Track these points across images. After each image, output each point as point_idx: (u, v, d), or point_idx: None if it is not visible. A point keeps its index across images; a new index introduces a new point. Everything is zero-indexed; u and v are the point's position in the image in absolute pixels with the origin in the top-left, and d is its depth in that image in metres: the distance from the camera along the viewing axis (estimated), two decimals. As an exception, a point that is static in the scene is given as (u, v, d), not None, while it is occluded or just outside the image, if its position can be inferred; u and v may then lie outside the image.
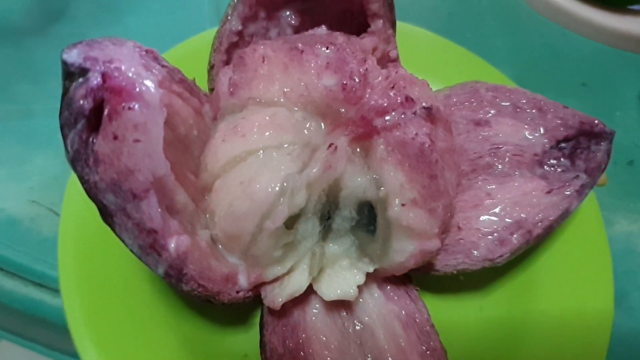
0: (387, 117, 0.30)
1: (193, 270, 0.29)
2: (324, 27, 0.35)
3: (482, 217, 0.35)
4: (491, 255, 0.34)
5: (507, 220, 0.35)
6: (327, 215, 0.33)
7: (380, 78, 0.32)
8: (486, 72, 0.46)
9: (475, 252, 0.34)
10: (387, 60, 0.37)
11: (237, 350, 0.36)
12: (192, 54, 0.41)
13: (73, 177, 0.38)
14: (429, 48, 0.47)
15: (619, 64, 0.58)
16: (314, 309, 0.35)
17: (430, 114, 0.31)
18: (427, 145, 0.30)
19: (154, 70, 0.29)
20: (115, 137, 0.26)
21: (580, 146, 0.36)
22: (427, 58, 0.47)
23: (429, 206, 0.31)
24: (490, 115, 0.38)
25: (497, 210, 0.35)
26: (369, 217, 0.33)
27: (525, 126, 0.37)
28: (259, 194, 0.29)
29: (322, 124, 0.32)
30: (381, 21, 0.36)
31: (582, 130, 0.36)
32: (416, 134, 0.30)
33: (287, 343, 0.33)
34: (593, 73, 0.57)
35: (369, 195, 0.32)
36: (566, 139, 0.36)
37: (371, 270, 0.34)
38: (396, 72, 0.32)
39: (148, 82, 0.27)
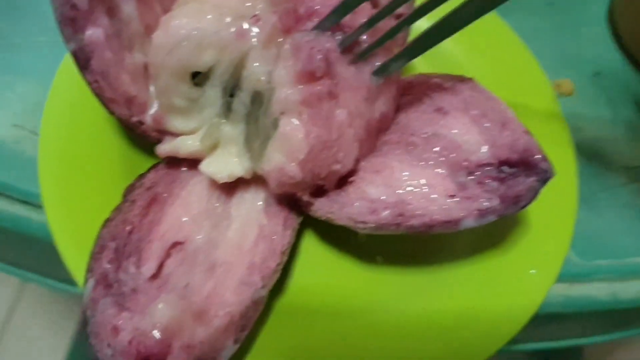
0: (309, 23, 0.32)
1: (97, 66, 0.33)
2: None
3: (375, 184, 0.35)
4: (356, 217, 0.33)
5: (391, 196, 0.34)
6: (230, 92, 0.34)
7: None
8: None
9: (346, 208, 0.34)
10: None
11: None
12: None
13: (50, 100, 0.41)
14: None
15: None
16: (200, 179, 0.37)
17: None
18: (315, 58, 0.31)
19: None
20: None
21: (515, 173, 0.33)
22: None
23: (307, 127, 0.32)
24: (454, 109, 0.36)
25: (390, 183, 0.34)
26: (258, 111, 0.34)
27: (478, 132, 0.35)
28: (171, 30, 0.32)
29: (270, 6, 0.33)
30: None
31: (523, 157, 0.33)
32: (310, 41, 0.31)
33: (157, 186, 0.36)
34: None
35: (262, 86, 0.33)
36: (508, 162, 0.33)
37: (247, 164, 0.35)
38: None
39: None
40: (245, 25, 0.32)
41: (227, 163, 0.35)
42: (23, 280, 0.97)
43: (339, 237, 0.39)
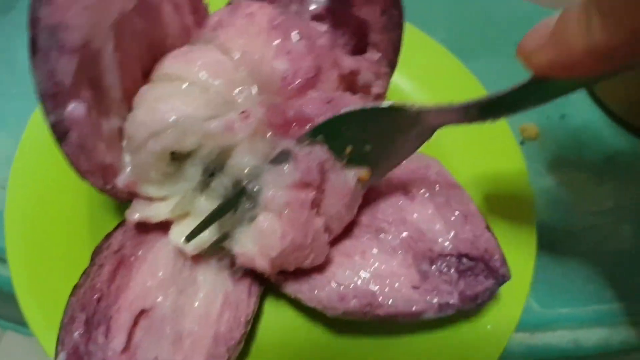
0: (298, 129, 0.33)
1: (75, 139, 0.32)
2: (324, 26, 0.37)
3: (344, 268, 0.36)
4: (325, 302, 0.35)
5: (360, 283, 0.35)
6: (211, 171, 0.34)
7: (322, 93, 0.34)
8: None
9: (316, 291, 0.35)
10: (365, 92, 0.38)
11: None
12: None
13: (19, 154, 0.41)
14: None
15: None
16: (167, 241, 0.36)
17: None
18: (313, 171, 0.32)
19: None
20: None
21: (475, 270, 0.36)
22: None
23: (284, 228, 0.32)
24: (420, 194, 0.38)
25: (360, 270, 0.36)
26: (238, 198, 0.34)
27: (442, 222, 0.37)
28: (157, 114, 0.32)
29: (259, 96, 0.34)
30: (379, 55, 0.37)
31: (483, 257, 0.36)
32: (307, 155, 0.32)
33: (125, 248, 0.36)
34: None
35: (245, 179, 0.33)
36: (468, 257, 0.36)
37: (216, 239, 0.35)
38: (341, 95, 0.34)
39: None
40: (234, 120, 0.32)
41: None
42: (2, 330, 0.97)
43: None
